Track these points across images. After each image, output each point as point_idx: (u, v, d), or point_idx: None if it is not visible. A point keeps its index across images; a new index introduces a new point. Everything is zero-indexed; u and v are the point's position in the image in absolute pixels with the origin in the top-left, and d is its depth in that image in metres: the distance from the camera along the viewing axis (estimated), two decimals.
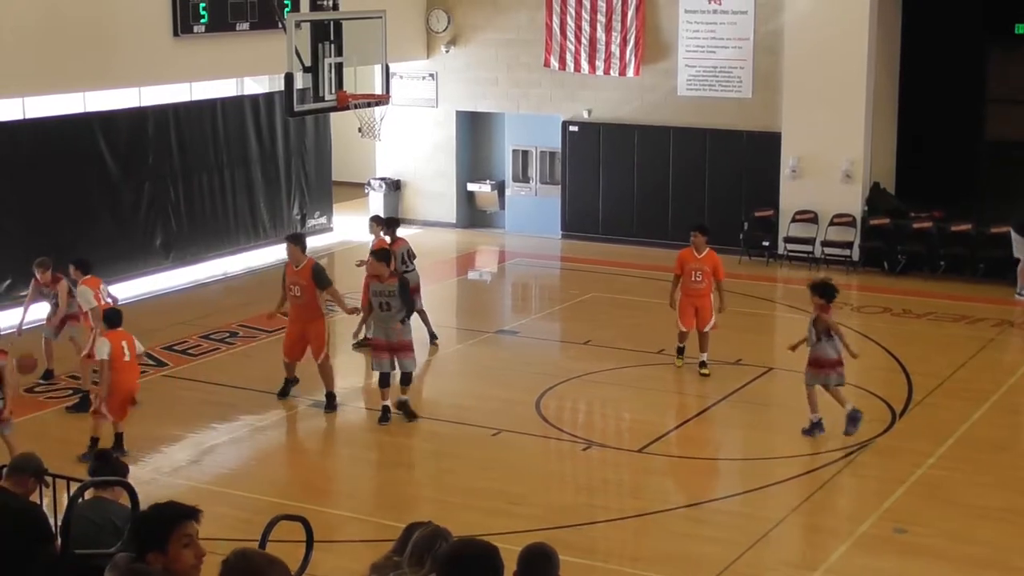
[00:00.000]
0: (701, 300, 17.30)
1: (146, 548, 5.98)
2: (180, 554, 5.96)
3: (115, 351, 14.38)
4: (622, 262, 24.20)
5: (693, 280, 17.25)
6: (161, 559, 5.93)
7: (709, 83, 24.80)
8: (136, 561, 5.96)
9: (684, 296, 17.34)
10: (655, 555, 12.44)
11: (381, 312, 15.68)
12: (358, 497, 14.18)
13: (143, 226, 22.25)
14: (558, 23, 25.63)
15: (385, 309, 15.64)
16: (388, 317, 15.62)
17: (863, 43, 23.29)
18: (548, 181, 26.79)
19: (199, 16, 21.57)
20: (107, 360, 14.35)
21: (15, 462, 8.89)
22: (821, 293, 15.02)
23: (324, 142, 26.48)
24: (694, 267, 17.26)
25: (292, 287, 16.21)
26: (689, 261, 17.30)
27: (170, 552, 5.95)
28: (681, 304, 17.36)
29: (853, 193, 23.76)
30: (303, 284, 16.12)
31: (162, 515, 6.11)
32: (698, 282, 17.24)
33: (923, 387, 17.04)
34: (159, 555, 5.93)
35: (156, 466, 14.74)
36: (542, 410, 16.29)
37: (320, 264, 16.54)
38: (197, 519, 6.08)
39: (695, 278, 17.23)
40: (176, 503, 6.27)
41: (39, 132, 20.74)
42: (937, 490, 13.84)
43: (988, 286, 22.18)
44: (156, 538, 5.98)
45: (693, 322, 17.35)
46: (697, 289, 17.28)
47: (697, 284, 17.26)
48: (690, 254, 17.36)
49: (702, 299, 17.29)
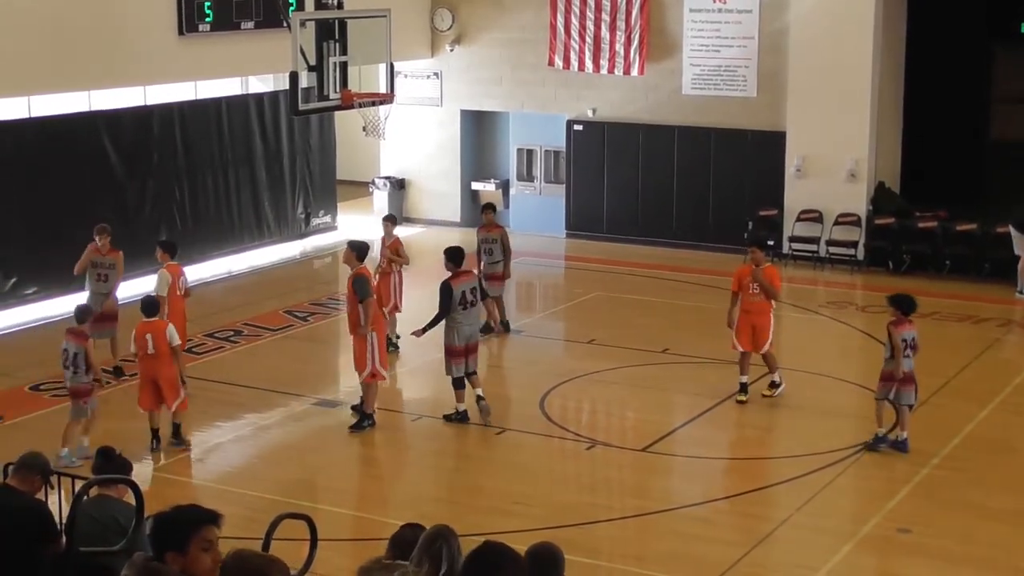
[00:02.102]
0: (760, 317, 16.35)
1: (165, 548, 6.02)
2: (199, 557, 5.99)
3: (139, 342, 14.65)
4: (626, 261, 24.19)
5: (751, 293, 16.29)
6: (179, 560, 5.96)
7: (714, 82, 24.79)
8: (154, 560, 5.99)
9: (742, 313, 16.39)
10: (659, 555, 12.43)
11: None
12: (362, 496, 14.19)
13: (147, 224, 22.25)
14: (562, 22, 25.62)
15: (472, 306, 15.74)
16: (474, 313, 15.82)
17: (868, 42, 23.27)
18: (552, 180, 26.79)
19: (204, 15, 21.58)
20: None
21: (21, 460, 8.89)
22: (898, 305, 14.76)
23: (328, 141, 26.49)
24: (752, 281, 16.34)
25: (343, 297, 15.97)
26: (746, 276, 16.44)
27: (189, 554, 5.99)
28: (739, 322, 16.43)
29: (858, 192, 23.74)
30: (348, 295, 15.66)
31: (184, 517, 6.17)
32: (755, 294, 16.27)
33: (928, 387, 16.95)
34: (177, 556, 5.96)
35: (160, 464, 14.76)
36: (546, 409, 16.29)
37: (362, 276, 15.53)
38: (218, 524, 6.12)
39: (753, 291, 16.28)
40: (198, 507, 6.35)
41: (44, 131, 20.76)
42: (941, 491, 13.84)
43: (993, 286, 22.16)
44: (176, 539, 6.02)
45: (750, 343, 16.38)
46: (755, 304, 16.33)
47: (755, 298, 16.29)
48: (748, 270, 16.55)
49: (761, 316, 16.35)
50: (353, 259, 15.56)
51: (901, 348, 14.37)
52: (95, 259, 17.30)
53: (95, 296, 17.24)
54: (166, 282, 16.41)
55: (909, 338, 14.53)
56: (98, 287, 17.33)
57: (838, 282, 23.09)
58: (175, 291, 16.47)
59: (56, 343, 17.04)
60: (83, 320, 14.76)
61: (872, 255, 23.63)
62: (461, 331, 15.62)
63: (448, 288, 15.56)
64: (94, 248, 17.30)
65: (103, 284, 17.33)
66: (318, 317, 20.61)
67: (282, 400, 16.66)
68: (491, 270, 19.14)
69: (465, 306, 15.62)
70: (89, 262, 17.32)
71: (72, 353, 14.35)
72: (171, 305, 16.33)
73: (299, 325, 20.15)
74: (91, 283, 17.37)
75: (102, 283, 17.32)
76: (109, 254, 17.34)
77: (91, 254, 17.32)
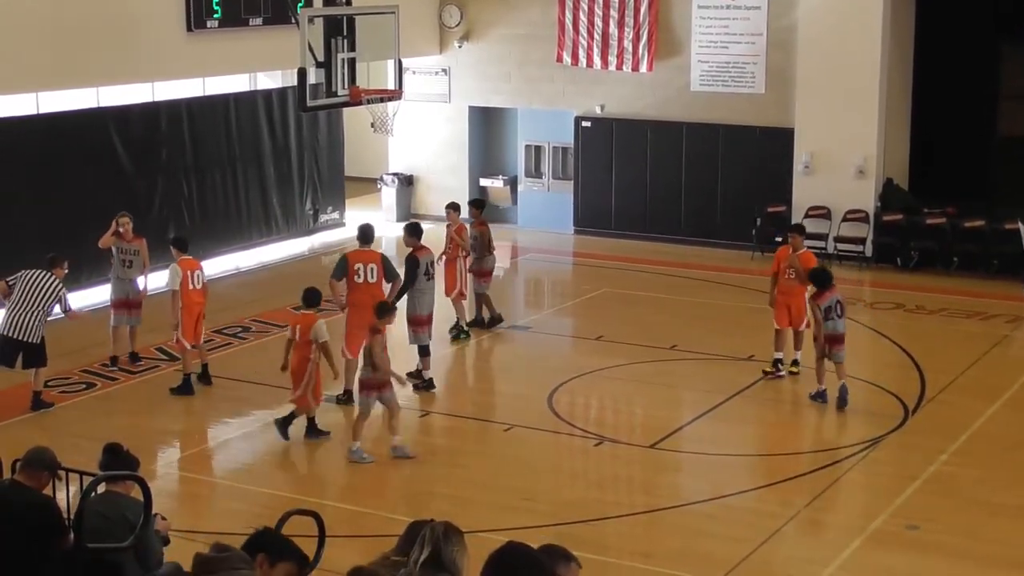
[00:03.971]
0: (795, 298, 17.15)
1: (263, 550, 6.53)
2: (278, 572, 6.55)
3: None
4: (634, 258, 24.18)
5: (787, 278, 17.16)
6: (265, 566, 6.49)
7: (722, 79, 24.77)
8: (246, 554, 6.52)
9: (779, 294, 17.30)
10: (667, 551, 12.43)
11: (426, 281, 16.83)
12: (371, 492, 14.18)
13: (156, 221, 22.25)
14: (571, 18, 25.61)
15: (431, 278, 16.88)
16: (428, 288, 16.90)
17: (876, 39, 23.24)
18: (561, 176, 26.78)
19: (212, 11, 21.59)
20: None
21: (29, 456, 8.89)
22: (814, 280, 16.45)
23: (337, 137, 26.50)
24: (788, 265, 17.23)
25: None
26: (784, 259, 17.29)
27: (274, 568, 6.51)
28: (777, 302, 17.32)
29: (866, 189, 23.72)
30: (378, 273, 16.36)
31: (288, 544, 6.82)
32: (791, 278, 17.10)
33: (936, 383, 17.01)
34: (266, 564, 6.49)
35: (168, 460, 14.79)
36: (554, 406, 16.29)
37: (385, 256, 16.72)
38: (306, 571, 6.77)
39: (789, 275, 17.14)
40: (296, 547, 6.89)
41: (52, 127, 20.78)
42: (949, 487, 13.83)
43: (1001, 282, 22.12)
44: (277, 551, 6.60)
45: (787, 320, 17.20)
46: (791, 287, 17.16)
47: (791, 281, 17.12)
48: (786, 252, 17.36)
49: (796, 297, 17.15)
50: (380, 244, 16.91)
51: (821, 319, 16.00)
52: (119, 244, 17.61)
53: (118, 281, 17.66)
54: (177, 275, 16.50)
55: (834, 303, 16.10)
56: (123, 272, 17.71)
57: (846, 279, 22.95)
58: (187, 285, 16.54)
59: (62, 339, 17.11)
60: (384, 315, 14.68)
61: (880, 252, 23.60)
62: (423, 300, 17.02)
63: (414, 260, 16.95)
64: (117, 236, 17.63)
65: (128, 270, 17.70)
66: (327, 313, 20.56)
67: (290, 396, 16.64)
68: (475, 266, 19.43)
69: (429, 277, 17.07)
70: (113, 246, 17.57)
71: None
72: (184, 299, 16.43)
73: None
74: (116, 268, 17.75)
75: (127, 269, 17.69)
76: (133, 241, 17.66)
77: (114, 238, 17.62)
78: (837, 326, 16.07)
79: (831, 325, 16.02)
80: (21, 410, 15.92)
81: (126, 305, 17.61)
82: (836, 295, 16.19)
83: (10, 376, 17.17)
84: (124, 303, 17.61)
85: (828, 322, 16.00)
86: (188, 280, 16.56)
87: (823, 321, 16.01)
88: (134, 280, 17.70)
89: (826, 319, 16.00)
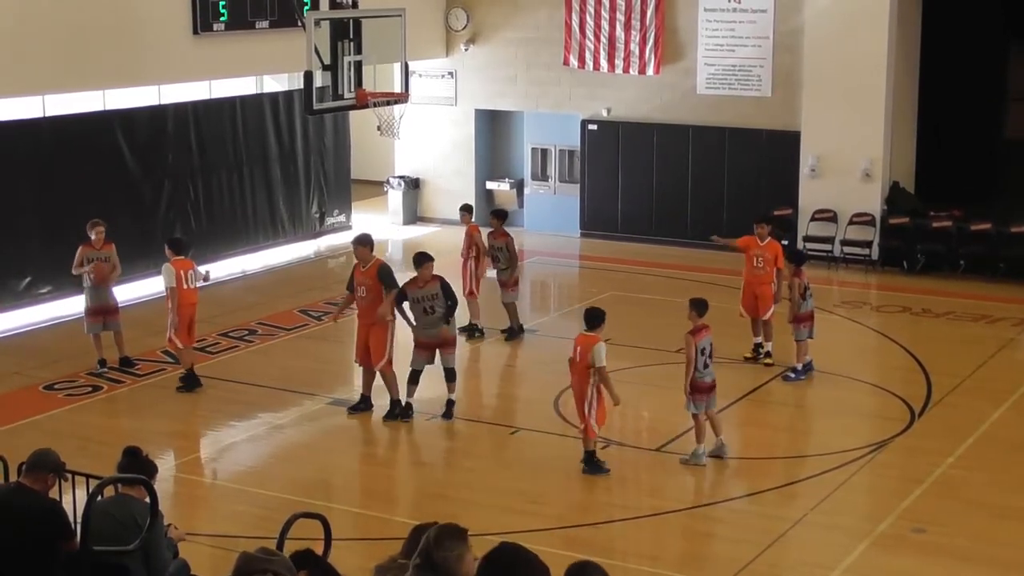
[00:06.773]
0: (761, 287, 17.84)
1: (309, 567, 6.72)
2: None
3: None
4: (641, 261, 24.16)
5: (755, 266, 17.93)
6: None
7: (728, 82, 24.77)
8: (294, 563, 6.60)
9: (746, 283, 18.06)
10: (673, 554, 12.43)
11: (426, 316, 15.77)
12: (377, 495, 14.18)
13: (162, 224, 22.29)
14: (577, 21, 25.61)
15: (429, 313, 15.70)
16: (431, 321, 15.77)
17: (883, 42, 23.23)
18: (567, 179, 26.79)
19: (219, 14, 21.61)
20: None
21: (33, 459, 8.86)
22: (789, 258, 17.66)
23: (343, 140, 26.51)
24: (756, 253, 17.95)
25: (359, 288, 15.98)
26: (752, 247, 18.03)
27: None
28: (743, 290, 18.11)
29: (873, 192, 23.70)
30: (369, 284, 15.83)
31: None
32: (759, 268, 17.88)
33: (942, 386, 16.98)
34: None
35: (175, 463, 14.78)
36: (560, 409, 16.27)
37: (388, 265, 16.15)
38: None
39: (756, 263, 17.91)
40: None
41: (59, 130, 20.80)
42: (956, 490, 13.81)
43: (1008, 285, 22.09)
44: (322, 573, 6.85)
45: (753, 307, 17.89)
46: (758, 275, 17.88)
47: (759, 270, 17.89)
48: (754, 241, 18.06)
49: (762, 286, 17.84)
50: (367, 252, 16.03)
51: (798, 299, 16.87)
52: (90, 254, 17.35)
53: (91, 289, 17.39)
54: (171, 275, 16.49)
55: (805, 283, 17.08)
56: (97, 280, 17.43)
57: (852, 282, 23.04)
58: (182, 284, 16.52)
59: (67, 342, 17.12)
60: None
61: (887, 255, 23.58)
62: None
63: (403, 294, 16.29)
64: (86, 247, 17.35)
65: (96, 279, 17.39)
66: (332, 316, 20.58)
67: (296, 399, 16.68)
68: (500, 277, 19.46)
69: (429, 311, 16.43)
70: (84, 257, 17.35)
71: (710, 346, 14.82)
72: (179, 298, 16.47)
73: (313, 324, 20.15)
74: (88, 277, 17.39)
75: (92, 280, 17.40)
76: (104, 248, 17.43)
77: (84, 251, 17.37)
78: (809, 304, 17.10)
79: (810, 304, 17.12)
80: (27, 413, 15.93)
81: (102, 312, 17.37)
82: (806, 279, 17.21)
83: (15, 379, 17.23)
84: (100, 310, 17.33)
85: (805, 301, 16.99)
86: (182, 280, 16.56)
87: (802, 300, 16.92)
88: (109, 287, 17.48)
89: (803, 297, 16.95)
